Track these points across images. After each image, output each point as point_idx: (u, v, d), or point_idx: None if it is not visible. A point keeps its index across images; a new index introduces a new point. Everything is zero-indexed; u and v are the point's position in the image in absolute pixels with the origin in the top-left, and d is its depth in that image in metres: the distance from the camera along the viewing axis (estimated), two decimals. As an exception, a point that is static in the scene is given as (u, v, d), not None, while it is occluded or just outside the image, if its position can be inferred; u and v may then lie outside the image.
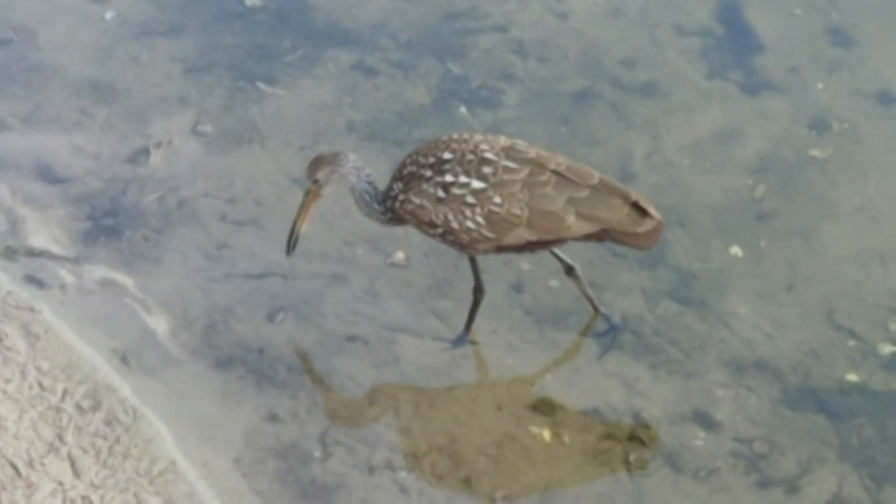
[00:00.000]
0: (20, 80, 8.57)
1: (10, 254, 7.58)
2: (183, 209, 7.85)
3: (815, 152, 8.16)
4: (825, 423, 6.92)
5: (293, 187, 7.94)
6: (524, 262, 7.50)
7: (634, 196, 6.64)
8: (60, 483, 6.44)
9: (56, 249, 7.63)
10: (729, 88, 8.55)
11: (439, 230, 6.73)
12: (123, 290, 7.44)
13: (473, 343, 7.22)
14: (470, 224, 6.64)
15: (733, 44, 8.82)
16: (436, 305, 7.39)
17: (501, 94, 8.50)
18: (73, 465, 6.52)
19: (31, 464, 6.50)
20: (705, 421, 6.91)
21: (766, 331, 7.27)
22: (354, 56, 8.73)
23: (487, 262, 7.41)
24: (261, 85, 8.56)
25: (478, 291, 7.08)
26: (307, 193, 6.88)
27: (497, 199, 6.59)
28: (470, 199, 6.61)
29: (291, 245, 6.93)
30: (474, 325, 7.20)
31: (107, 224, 7.77)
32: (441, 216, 6.67)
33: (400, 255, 7.58)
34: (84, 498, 6.39)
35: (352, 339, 7.26)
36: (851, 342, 7.22)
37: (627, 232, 6.65)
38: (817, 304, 7.40)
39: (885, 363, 7.14)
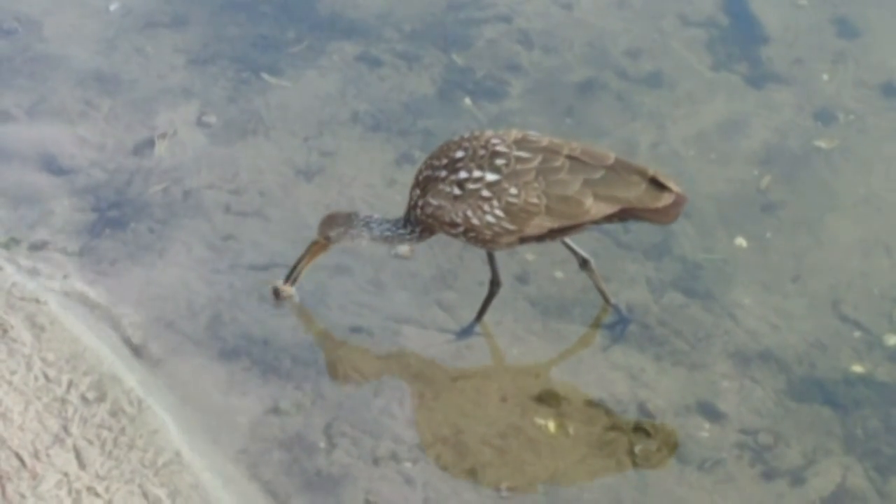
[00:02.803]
0: (25, 72, 8.57)
1: (16, 245, 7.59)
2: (188, 200, 7.85)
3: (821, 143, 8.15)
4: (830, 415, 6.91)
5: (298, 178, 7.94)
6: (529, 254, 7.50)
7: (652, 171, 6.60)
8: (65, 474, 6.45)
9: (61, 241, 7.63)
10: (734, 79, 8.55)
11: (461, 229, 6.71)
12: (128, 281, 7.45)
13: (478, 334, 7.22)
14: (490, 218, 6.63)
15: (739, 35, 8.81)
16: (440, 297, 7.39)
17: (506, 84, 8.50)
18: (78, 456, 6.52)
19: (36, 455, 6.51)
20: (710, 412, 6.91)
21: (772, 322, 7.27)
22: (359, 47, 8.73)
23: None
24: (265, 76, 8.56)
25: (494, 284, 7.08)
26: (315, 243, 7.06)
27: (513, 190, 6.57)
28: (486, 193, 6.60)
29: (291, 281, 7.19)
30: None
31: (111, 215, 7.78)
32: (460, 214, 6.65)
33: (405, 247, 7.57)
34: (89, 489, 6.39)
35: (356, 330, 7.26)
36: (857, 333, 7.22)
37: (648, 208, 6.62)
38: (823, 295, 7.40)
39: (891, 354, 7.14)
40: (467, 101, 8.40)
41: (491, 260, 7.00)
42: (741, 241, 7.64)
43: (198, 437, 6.75)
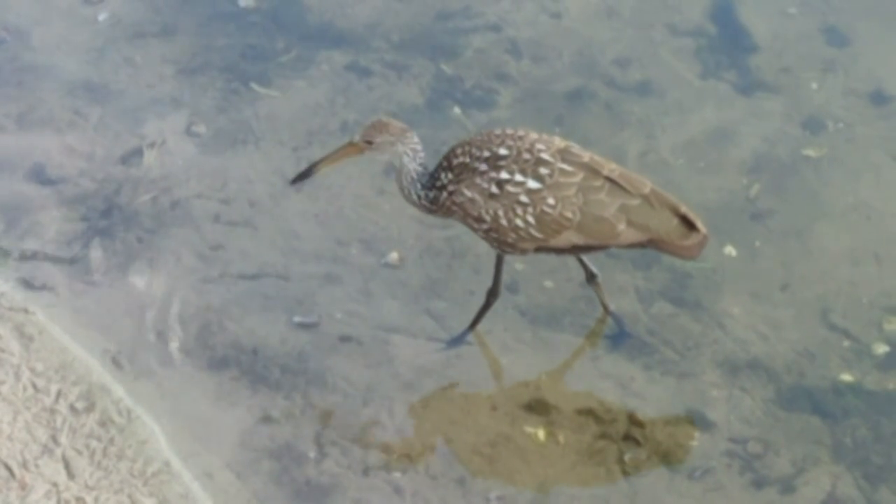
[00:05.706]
0: (13, 81, 8.56)
1: (4, 255, 7.57)
2: (176, 210, 7.84)
3: (810, 152, 8.16)
4: (819, 424, 6.92)
5: (287, 188, 7.93)
6: (518, 263, 7.49)
7: (683, 209, 6.65)
8: (55, 484, 6.44)
9: (50, 250, 7.62)
10: (723, 88, 8.56)
11: (485, 226, 6.69)
12: (117, 291, 7.44)
13: (468, 344, 7.22)
14: (519, 223, 6.61)
15: (727, 43, 8.82)
16: (430, 306, 7.38)
17: (495, 93, 8.50)
18: (67, 466, 6.51)
19: (25, 465, 6.50)
20: (700, 421, 6.91)
21: (761, 331, 7.28)
22: (348, 57, 8.73)
23: (482, 263, 7.41)
24: (254, 86, 8.55)
25: (492, 295, 7.03)
26: (350, 144, 6.70)
27: (551, 201, 6.56)
28: (524, 199, 6.58)
29: (301, 176, 6.76)
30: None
31: (100, 225, 7.76)
32: (491, 212, 6.63)
33: (394, 256, 7.58)
34: (78, 499, 6.39)
35: (346, 339, 7.25)
36: (846, 342, 7.22)
37: (674, 243, 6.66)
38: (811, 304, 7.40)
39: (880, 363, 7.15)
40: (456, 110, 8.40)
41: (498, 267, 6.94)
42: (730, 250, 7.64)
43: (187, 446, 6.74)
